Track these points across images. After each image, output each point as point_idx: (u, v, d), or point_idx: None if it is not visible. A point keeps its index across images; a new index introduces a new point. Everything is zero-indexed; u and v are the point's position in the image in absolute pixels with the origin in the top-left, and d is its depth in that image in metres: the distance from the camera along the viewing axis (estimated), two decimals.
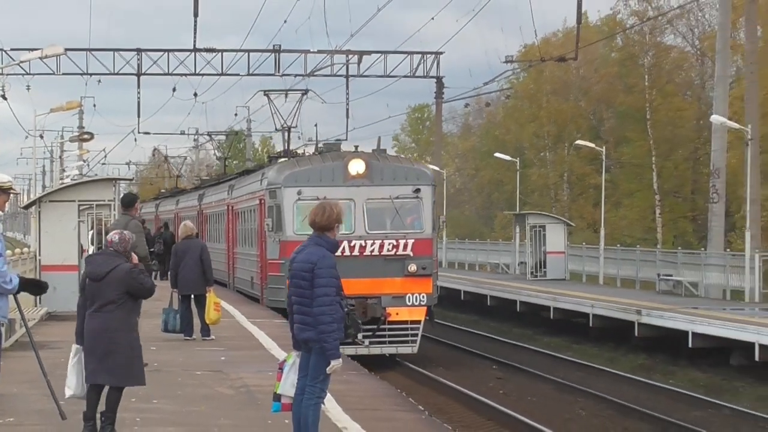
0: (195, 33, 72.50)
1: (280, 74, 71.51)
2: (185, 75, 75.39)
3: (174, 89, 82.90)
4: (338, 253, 40.80)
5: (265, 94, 62.78)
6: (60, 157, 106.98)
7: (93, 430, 18.40)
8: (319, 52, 74.82)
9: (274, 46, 74.95)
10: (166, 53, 74.54)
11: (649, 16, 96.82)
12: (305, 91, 63.96)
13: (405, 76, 77.90)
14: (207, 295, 34.40)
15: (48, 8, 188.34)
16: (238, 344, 33.71)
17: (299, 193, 44.59)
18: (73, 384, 18.38)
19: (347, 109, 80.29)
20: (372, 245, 44.29)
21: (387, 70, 76.76)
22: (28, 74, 71.51)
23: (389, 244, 44.34)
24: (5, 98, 65.60)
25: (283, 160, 58.27)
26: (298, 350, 17.30)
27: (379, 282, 44.23)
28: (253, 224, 55.89)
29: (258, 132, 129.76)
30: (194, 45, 72.26)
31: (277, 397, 17.40)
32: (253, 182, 56.50)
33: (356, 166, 44.51)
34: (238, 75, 76.64)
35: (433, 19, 70.99)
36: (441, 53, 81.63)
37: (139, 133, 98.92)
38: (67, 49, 66.58)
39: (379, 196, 45.19)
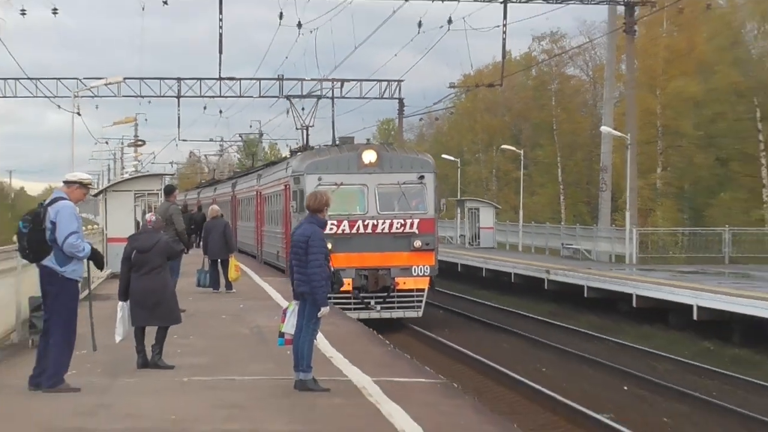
0: (220, 65, 73.38)
1: (283, 96, 70.42)
2: (213, 97, 74.86)
3: (204, 107, 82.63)
4: (354, 230, 38.69)
5: (287, 99, 57.71)
6: (120, 158, 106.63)
7: (144, 358, 19.04)
8: (312, 79, 74.20)
9: (278, 75, 74.30)
10: (199, 81, 74.13)
11: (556, 53, 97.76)
12: (320, 96, 58.01)
13: (375, 98, 77.32)
14: (230, 259, 35.19)
15: (111, 47, 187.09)
16: (252, 296, 33.87)
17: (320, 179, 39.29)
18: (120, 332, 19.04)
19: (333, 123, 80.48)
20: (383, 224, 39.77)
21: (362, 93, 76.35)
22: (96, 96, 71.13)
23: (397, 223, 39.78)
24: (79, 114, 65.50)
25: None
26: (297, 300, 17.49)
27: (388, 255, 39.88)
28: (279, 206, 49.23)
29: (266, 139, 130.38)
30: (219, 74, 71.74)
31: (281, 335, 17.66)
32: (279, 170, 50.14)
33: (369, 156, 40.41)
34: (251, 97, 75.79)
35: (396, 55, 70.88)
36: (402, 81, 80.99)
37: (179, 140, 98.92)
38: (125, 78, 66.84)
39: (388, 181, 40.43)
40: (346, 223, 38.77)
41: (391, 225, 39.28)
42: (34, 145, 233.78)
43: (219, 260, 35.54)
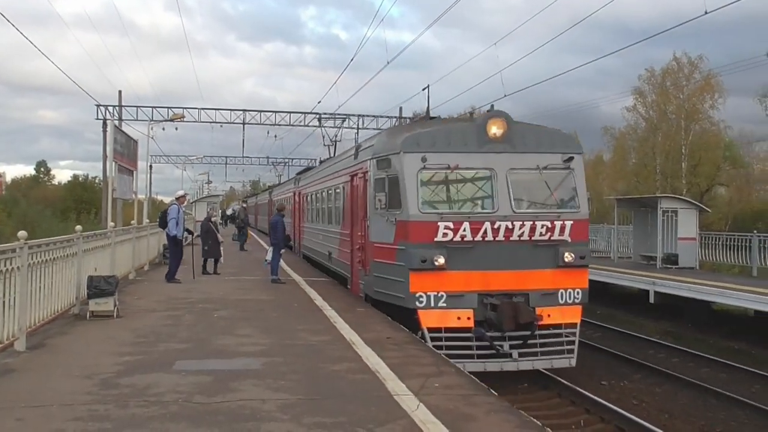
0: (243, 151, 70.48)
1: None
2: (240, 164, 70.10)
3: (236, 168, 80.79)
4: (478, 237, 11.35)
5: (317, 119, 32.02)
6: (201, 188, 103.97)
7: (206, 271, 18.61)
8: (282, 159, 73.10)
9: (267, 156, 71.31)
10: (235, 158, 71.06)
11: None
12: (345, 117, 32.57)
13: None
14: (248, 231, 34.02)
15: (202, 145, 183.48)
16: (256, 248, 32.07)
17: (424, 159, 11.38)
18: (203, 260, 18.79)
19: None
20: (521, 228, 11.37)
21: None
22: (193, 163, 69.00)
23: (542, 226, 11.45)
24: (185, 170, 64.53)
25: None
26: (272, 246, 17.26)
27: (526, 275, 11.35)
28: (332, 203, 18.40)
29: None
30: (242, 154, 68.25)
31: (265, 261, 17.51)
32: (337, 162, 18.34)
33: (496, 127, 11.77)
34: (257, 164, 72.30)
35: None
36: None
37: (226, 181, 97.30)
38: (204, 156, 65.85)
39: (523, 165, 11.80)
40: (466, 226, 11.52)
41: (533, 229, 11.73)
42: (167, 187, 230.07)
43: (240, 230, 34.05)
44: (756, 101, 39.53)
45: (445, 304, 10.99)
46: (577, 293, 11.60)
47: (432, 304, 10.98)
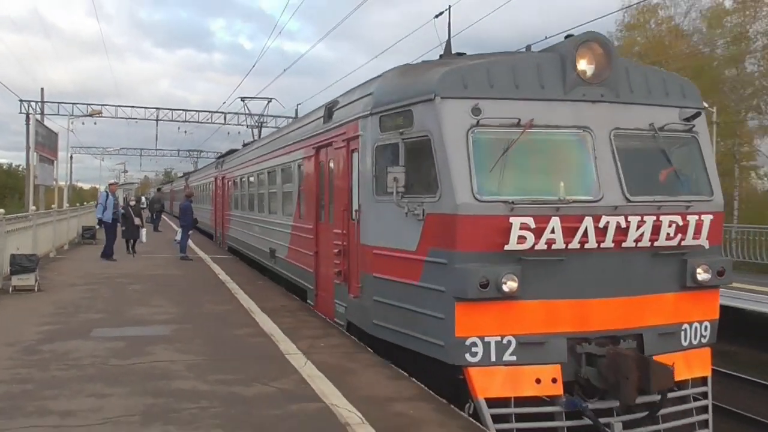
0: (156, 143, 67.20)
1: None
2: (154, 156, 67.85)
3: (150, 159, 77.81)
4: (574, 244, 5.83)
5: (242, 99, 26.12)
6: (120, 177, 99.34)
7: (130, 251, 18.26)
8: (203, 152, 71.09)
9: (178, 149, 68.47)
10: (149, 151, 70.18)
11: None
12: (270, 99, 26.35)
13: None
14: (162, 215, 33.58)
15: (120, 138, 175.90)
16: (167, 229, 32.06)
17: (476, 111, 4.95)
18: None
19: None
20: (639, 227, 5.04)
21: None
22: (110, 154, 66.44)
23: (670, 223, 5.14)
24: (103, 160, 62.28)
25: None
26: (180, 228, 17.95)
27: (640, 303, 5.28)
28: (270, 187, 13.21)
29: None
30: (156, 147, 66.70)
31: (174, 240, 18.36)
32: (288, 133, 11.76)
33: (591, 62, 5.04)
34: (172, 156, 69.09)
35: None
36: None
37: (140, 171, 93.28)
38: (122, 148, 63.73)
39: (633, 123, 5.33)
40: (556, 223, 5.56)
41: (656, 228, 5.56)
42: (87, 175, 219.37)
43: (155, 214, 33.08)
44: None
45: (514, 357, 6.02)
46: (705, 328, 6.62)
47: (492, 358, 5.99)
